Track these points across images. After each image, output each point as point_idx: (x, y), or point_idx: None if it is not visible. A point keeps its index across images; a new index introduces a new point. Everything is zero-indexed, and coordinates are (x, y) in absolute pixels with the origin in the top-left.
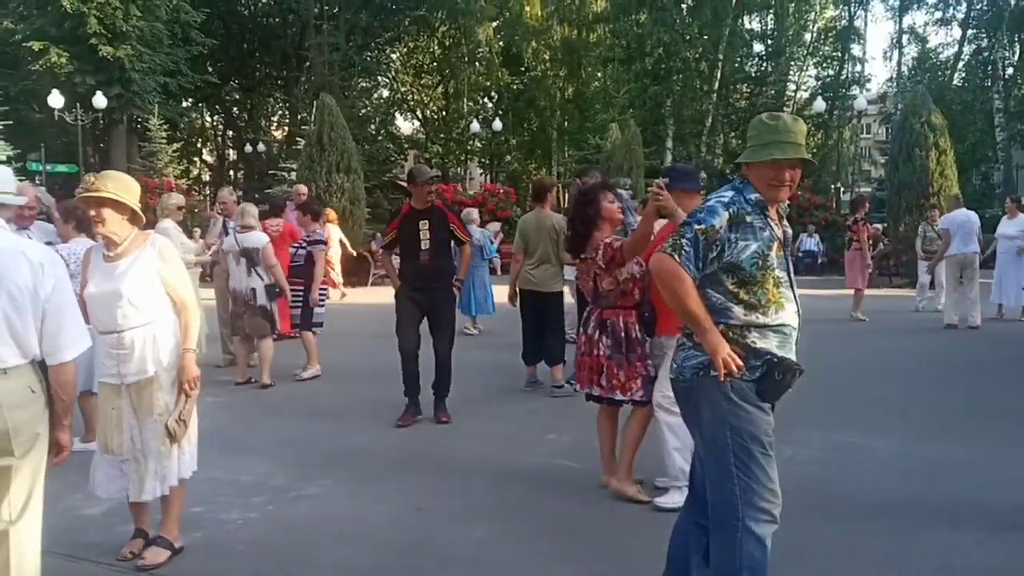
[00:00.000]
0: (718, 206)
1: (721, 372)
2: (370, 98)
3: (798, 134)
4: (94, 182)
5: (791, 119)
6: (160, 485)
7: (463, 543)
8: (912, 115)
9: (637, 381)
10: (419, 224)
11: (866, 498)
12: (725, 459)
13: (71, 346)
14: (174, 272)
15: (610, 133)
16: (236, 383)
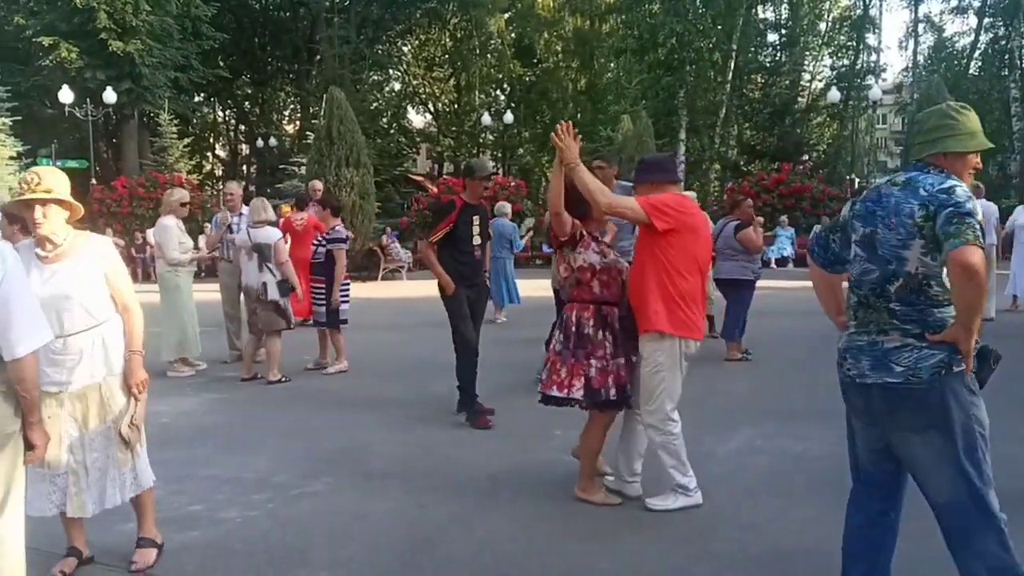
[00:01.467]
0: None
1: (969, 365)
2: (381, 91)
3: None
4: (40, 181)
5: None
6: (121, 492)
7: (465, 542)
8: (928, 105)
9: (579, 380)
10: (472, 219)
11: None
12: (975, 455)
13: (24, 341)
14: (119, 273)
15: (622, 125)
16: (242, 379)
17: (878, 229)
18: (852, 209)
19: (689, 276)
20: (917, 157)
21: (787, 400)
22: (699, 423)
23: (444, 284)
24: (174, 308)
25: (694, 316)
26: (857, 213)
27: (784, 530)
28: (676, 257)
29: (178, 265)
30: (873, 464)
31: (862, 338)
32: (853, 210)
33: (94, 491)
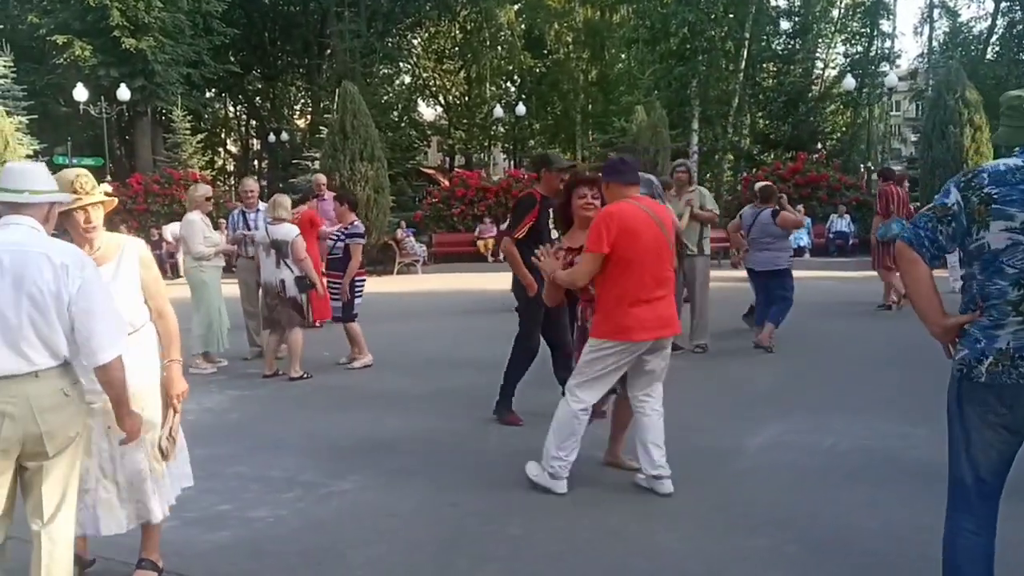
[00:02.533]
0: None
1: None
2: (392, 85)
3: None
4: (93, 183)
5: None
6: (161, 505)
7: (498, 540)
8: (946, 91)
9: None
10: (548, 212)
11: (910, 488)
12: None
13: (107, 349)
14: (156, 278)
15: (636, 115)
16: (264, 376)
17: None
18: (980, 194)
19: (627, 280)
20: (1014, 141)
21: (813, 393)
22: (726, 417)
23: (527, 285)
24: (201, 303)
25: (629, 318)
26: (1005, 198)
27: (821, 527)
28: (613, 265)
29: (203, 259)
30: (996, 475)
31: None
32: (984, 196)
33: (129, 506)
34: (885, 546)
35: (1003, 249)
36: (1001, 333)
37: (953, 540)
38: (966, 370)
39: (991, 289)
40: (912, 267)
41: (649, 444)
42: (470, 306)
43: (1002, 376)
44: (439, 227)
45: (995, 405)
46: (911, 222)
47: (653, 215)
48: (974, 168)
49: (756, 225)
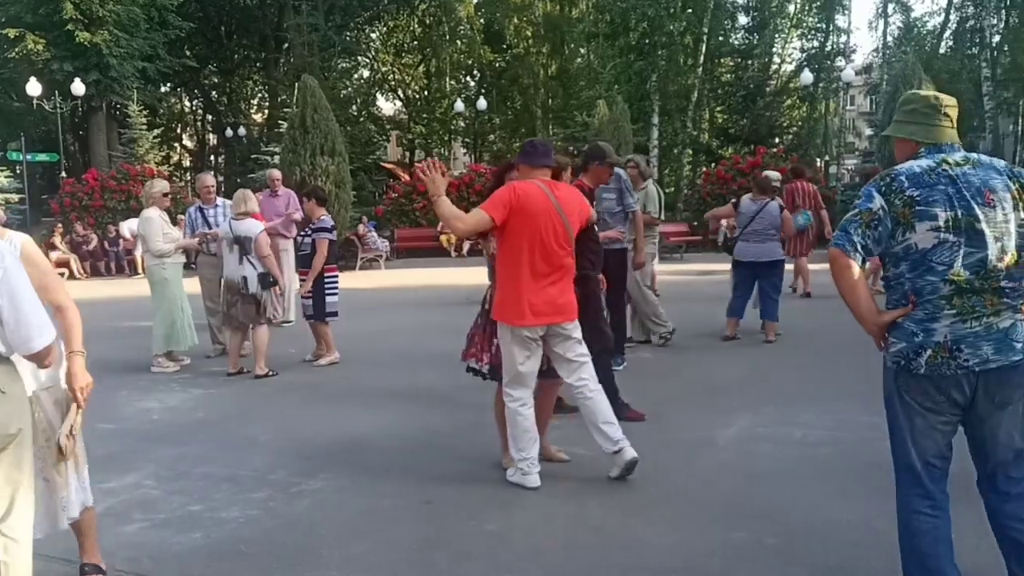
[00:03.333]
0: None
1: None
2: (350, 79)
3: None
4: None
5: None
6: (53, 520)
7: (476, 537)
8: (902, 85)
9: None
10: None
11: (882, 479)
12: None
13: (38, 337)
14: (46, 271)
15: (597, 110)
16: (228, 374)
17: (976, 209)
18: (902, 197)
19: (516, 261)
20: (940, 140)
21: (781, 386)
22: (697, 410)
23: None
24: (163, 301)
25: (517, 302)
26: (927, 199)
27: (797, 519)
28: (507, 243)
29: (164, 256)
30: (943, 458)
31: (972, 325)
32: (907, 199)
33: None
34: (862, 537)
35: (931, 248)
36: (937, 326)
37: (909, 524)
38: (904, 362)
39: (922, 286)
40: (847, 272)
41: (600, 424)
42: (435, 301)
43: (941, 368)
44: (401, 222)
45: (933, 394)
46: (840, 228)
47: (554, 199)
48: (888, 172)
49: (763, 216)
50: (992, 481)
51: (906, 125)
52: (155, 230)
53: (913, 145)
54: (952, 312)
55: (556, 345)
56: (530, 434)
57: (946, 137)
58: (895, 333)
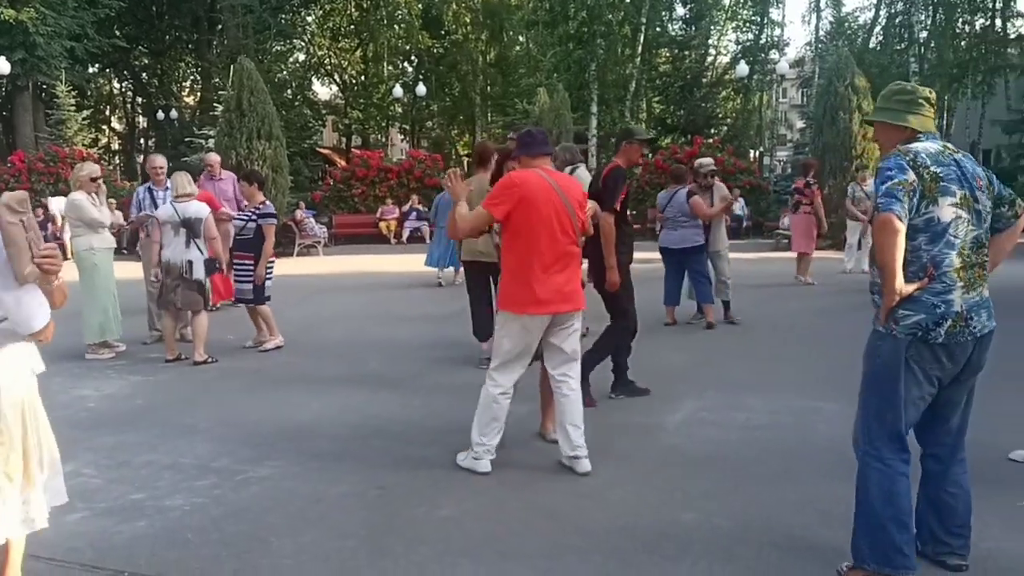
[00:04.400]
0: None
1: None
2: (286, 62)
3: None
4: None
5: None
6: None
7: (430, 523)
8: (836, 78)
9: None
10: (628, 184)
11: (824, 460)
12: None
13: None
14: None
15: (538, 98)
16: (166, 360)
17: (975, 192)
18: (928, 172)
19: (524, 250)
20: (929, 129)
21: (724, 372)
22: (647, 395)
23: (608, 267)
24: (94, 289)
25: (526, 291)
26: (947, 176)
27: (743, 500)
28: (512, 233)
29: (102, 227)
30: (913, 423)
31: (973, 295)
32: (932, 174)
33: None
34: (808, 517)
35: (949, 222)
36: (953, 297)
37: (893, 486)
38: (921, 333)
39: (941, 258)
40: (897, 238)
41: (568, 426)
42: (376, 287)
43: (958, 336)
44: (339, 208)
45: (945, 362)
46: (887, 194)
47: (557, 187)
48: (905, 150)
49: (672, 204)
50: (941, 447)
51: (903, 113)
52: (87, 208)
53: (906, 132)
54: (961, 284)
55: (554, 335)
56: (498, 423)
57: (931, 126)
58: (911, 305)
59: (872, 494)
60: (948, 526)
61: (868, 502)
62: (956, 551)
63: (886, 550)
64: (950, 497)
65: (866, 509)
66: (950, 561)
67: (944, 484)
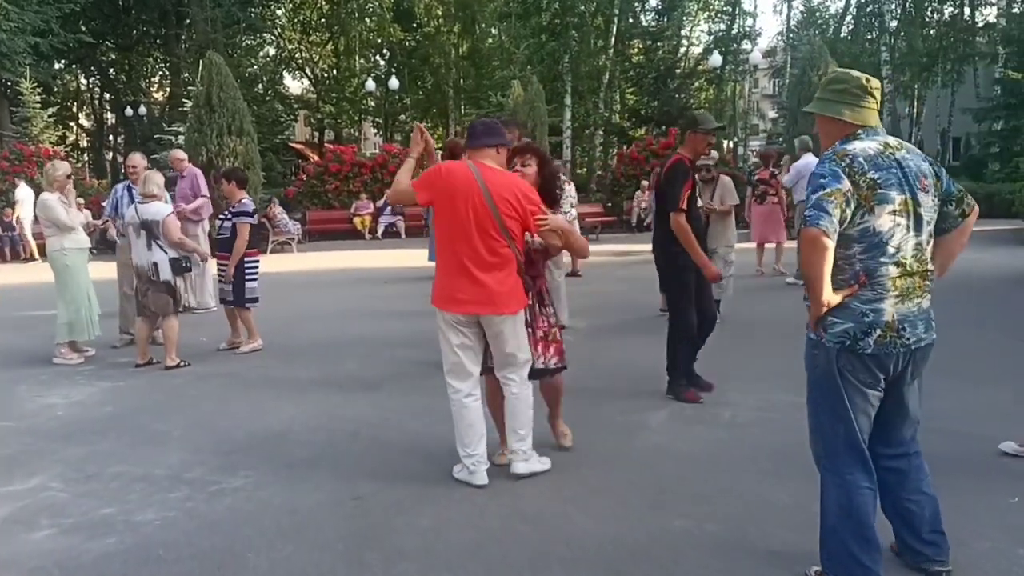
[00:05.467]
0: None
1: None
2: (256, 57)
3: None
4: None
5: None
6: None
7: (410, 534)
8: (810, 68)
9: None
10: (695, 179)
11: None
12: None
13: None
14: None
15: (512, 90)
16: (136, 365)
17: (917, 194)
18: (866, 179)
19: (445, 245)
20: (868, 123)
21: (703, 366)
22: (625, 393)
23: (703, 266)
24: (66, 290)
25: (446, 287)
26: (886, 182)
27: (735, 503)
28: (436, 224)
29: (71, 230)
30: (867, 432)
31: (909, 306)
32: (870, 181)
33: None
34: (801, 520)
35: (886, 231)
36: (885, 306)
37: (853, 499)
38: (849, 342)
39: (875, 267)
40: (825, 254)
41: (508, 429)
42: (352, 285)
43: (888, 347)
44: (313, 204)
45: (875, 371)
46: (815, 207)
47: (483, 184)
48: (842, 152)
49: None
50: (892, 457)
51: (835, 104)
52: (58, 211)
53: (842, 125)
54: (896, 294)
55: (489, 337)
56: (475, 428)
57: (874, 120)
58: (839, 313)
59: (831, 509)
60: (919, 534)
61: (827, 517)
62: (932, 558)
63: (847, 564)
64: (914, 505)
65: (827, 523)
66: (930, 568)
67: (904, 492)
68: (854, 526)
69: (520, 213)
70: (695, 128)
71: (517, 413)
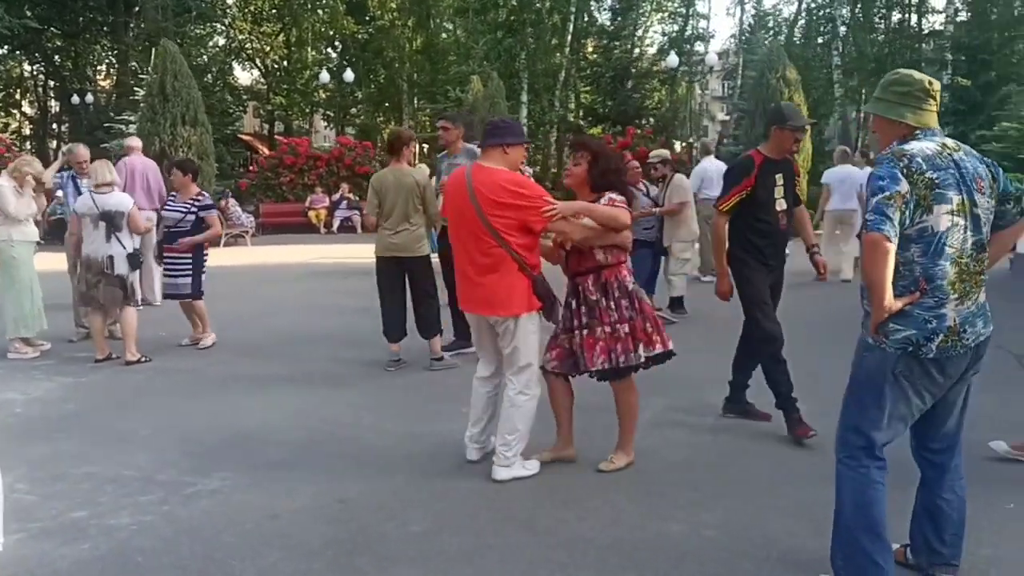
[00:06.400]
0: None
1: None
2: (205, 47)
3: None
4: None
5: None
6: None
7: (401, 540)
8: (768, 71)
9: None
10: (775, 178)
11: (803, 463)
12: None
13: None
14: None
15: (471, 85)
16: (96, 360)
17: (974, 195)
18: (924, 179)
19: (454, 248)
20: (929, 125)
21: (680, 367)
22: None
23: (719, 274)
24: (11, 283)
25: (458, 285)
26: (944, 182)
27: (731, 508)
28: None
29: (17, 222)
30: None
31: (968, 305)
32: (928, 181)
33: None
34: (800, 525)
35: (944, 231)
36: (947, 311)
37: (866, 495)
38: (912, 348)
39: (934, 272)
40: (887, 258)
41: (498, 430)
42: (310, 279)
43: (950, 350)
44: (267, 196)
45: (936, 376)
46: (876, 211)
47: (471, 188)
48: (900, 152)
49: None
50: (935, 452)
51: (898, 107)
52: (7, 199)
53: (903, 127)
54: (955, 296)
55: (496, 338)
56: (475, 410)
57: (933, 122)
58: (900, 320)
59: (845, 502)
60: (942, 534)
61: (842, 510)
62: (949, 560)
63: (859, 561)
64: (945, 504)
65: (841, 518)
66: (942, 572)
67: (940, 490)
68: (865, 522)
69: (513, 210)
70: (782, 124)
71: (505, 417)
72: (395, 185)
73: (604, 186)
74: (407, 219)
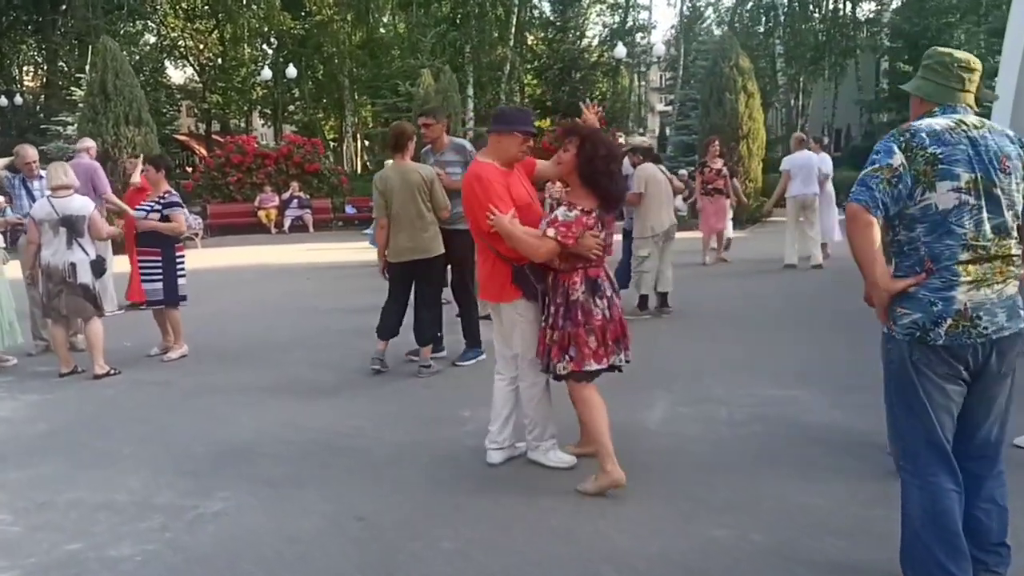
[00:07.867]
0: None
1: None
2: (137, 45)
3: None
4: None
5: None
6: None
7: (433, 559)
8: (721, 60)
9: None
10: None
11: (832, 456)
12: None
13: None
14: None
15: (422, 79)
16: (60, 374)
17: (993, 175)
18: (924, 154)
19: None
20: (947, 101)
21: (678, 359)
22: (612, 389)
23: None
24: None
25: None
26: (949, 158)
27: (771, 509)
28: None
29: None
30: (952, 432)
31: (987, 292)
32: (929, 155)
33: None
34: (847, 524)
35: (951, 209)
36: (956, 294)
37: (938, 503)
38: (919, 333)
39: (940, 251)
40: (867, 230)
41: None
42: (269, 280)
43: (962, 337)
44: (214, 197)
45: (951, 362)
46: (860, 183)
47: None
48: (907, 126)
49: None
50: (969, 458)
51: (920, 81)
52: None
53: (920, 103)
54: (968, 280)
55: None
56: (495, 406)
57: (958, 100)
58: (906, 303)
59: (913, 515)
60: (982, 544)
61: (910, 524)
62: (991, 568)
63: (935, 574)
64: (983, 514)
65: (910, 532)
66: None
67: (977, 500)
68: (940, 532)
69: (471, 206)
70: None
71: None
72: (401, 183)
73: (590, 176)
74: (420, 218)
